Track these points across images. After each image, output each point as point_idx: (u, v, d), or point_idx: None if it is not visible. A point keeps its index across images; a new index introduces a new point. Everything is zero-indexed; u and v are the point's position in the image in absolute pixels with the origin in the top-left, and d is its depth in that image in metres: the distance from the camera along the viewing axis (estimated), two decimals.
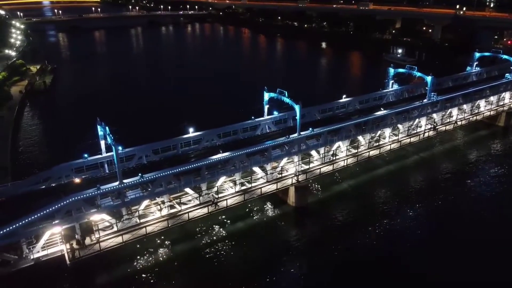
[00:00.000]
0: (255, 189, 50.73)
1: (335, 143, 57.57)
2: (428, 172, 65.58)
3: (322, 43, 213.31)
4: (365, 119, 60.09)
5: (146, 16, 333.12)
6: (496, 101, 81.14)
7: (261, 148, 50.76)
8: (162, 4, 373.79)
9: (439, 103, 69.09)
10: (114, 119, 47.52)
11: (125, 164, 47.92)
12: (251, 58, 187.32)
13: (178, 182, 45.11)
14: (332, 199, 57.76)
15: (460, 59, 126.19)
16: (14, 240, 37.34)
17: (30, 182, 44.80)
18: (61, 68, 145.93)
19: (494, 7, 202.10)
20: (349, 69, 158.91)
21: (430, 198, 57.20)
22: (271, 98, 58.12)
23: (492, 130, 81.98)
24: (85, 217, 40.44)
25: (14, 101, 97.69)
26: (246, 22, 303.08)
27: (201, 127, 55.98)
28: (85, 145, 48.10)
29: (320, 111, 66.57)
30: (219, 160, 47.45)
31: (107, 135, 43.28)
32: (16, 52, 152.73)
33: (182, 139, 53.48)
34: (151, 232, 43.65)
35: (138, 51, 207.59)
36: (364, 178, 62.73)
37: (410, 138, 66.07)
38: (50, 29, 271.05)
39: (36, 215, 37.03)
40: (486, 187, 60.58)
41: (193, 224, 48.29)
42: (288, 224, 52.38)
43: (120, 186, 41.52)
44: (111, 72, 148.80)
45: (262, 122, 60.41)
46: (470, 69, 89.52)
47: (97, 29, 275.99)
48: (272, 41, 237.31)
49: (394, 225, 51.14)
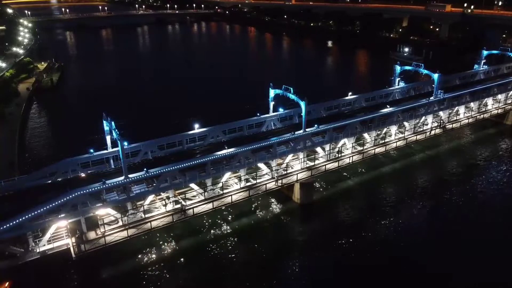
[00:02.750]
0: (260, 185, 50.67)
1: (341, 140, 57.34)
2: (434, 170, 65.11)
3: (329, 42, 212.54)
4: (371, 117, 59.77)
5: (152, 15, 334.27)
6: (504, 99, 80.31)
7: (267, 144, 50.68)
8: (168, 3, 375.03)
9: (446, 101, 68.53)
10: (120, 115, 47.55)
11: (130, 160, 48.14)
12: (257, 56, 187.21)
13: (183, 177, 45.18)
14: (337, 196, 57.58)
15: (467, 57, 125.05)
16: (21, 233, 37.72)
17: (37, 176, 45.12)
18: (68, 65, 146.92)
19: (502, 5, 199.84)
20: (356, 67, 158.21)
21: (436, 197, 56.80)
22: (277, 96, 58.05)
23: (499, 128, 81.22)
24: (90, 211, 40.68)
25: (21, 98, 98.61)
26: (252, 20, 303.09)
27: (207, 124, 56.04)
28: (91, 140, 48.29)
29: (326, 108, 66.32)
30: (224, 155, 47.46)
31: (113, 130, 43.46)
32: (24, 50, 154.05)
33: (187, 135, 53.58)
34: (156, 227, 43.81)
35: (144, 49, 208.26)
36: (370, 175, 62.47)
37: (416, 135, 65.64)
38: (58, 27, 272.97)
39: (43, 209, 37.33)
40: (493, 186, 60.00)
41: (198, 220, 48.43)
42: (292, 221, 52.30)
43: (126, 181, 41.69)
44: (118, 69, 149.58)
45: (268, 118, 60.33)
46: (478, 67, 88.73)
47: (104, 27, 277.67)
48: (278, 39, 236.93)
49: (399, 224, 50.85)
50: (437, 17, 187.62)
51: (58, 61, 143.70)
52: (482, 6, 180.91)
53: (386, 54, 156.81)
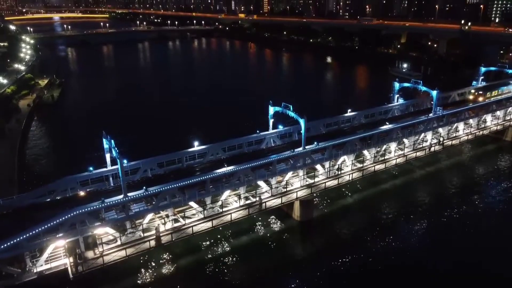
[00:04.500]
0: (259, 203, 50.38)
1: (340, 157, 57.35)
2: (434, 187, 64.87)
3: (328, 58, 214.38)
4: (370, 133, 59.89)
5: (153, 31, 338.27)
6: (503, 115, 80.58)
7: (266, 162, 50.66)
8: (169, 20, 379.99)
9: (445, 118, 68.77)
10: (120, 132, 47.90)
11: (130, 177, 48.09)
12: (257, 72, 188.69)
13: (183, 195, 45.04)
14: (337, 213, 57.26)
15: (466, 73, 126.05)
16: (18, 253, 37.34)
17: (36, 194, 45.03)
18: (70, 81, 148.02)
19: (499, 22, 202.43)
20: (355, 83, 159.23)
21: (436, 214, 56.43)
22: (276, 112, 58.28)
23: (499, 144, 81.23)
24: (89, 230, 40.40)
25: (22, 114, 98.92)
26: (252, 36, 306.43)
27: (207, 140, 56.15)
28: (90, 158, 48.37)
29: (326, 124, 66.56)
30: (224, 173, 47.40)
31: (113, 148, 43.52)
32: (26, 66, 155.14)
33: (187, 152, 53.64)
34: (155, 246, 43.38)
35: (145, 65, 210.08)
36: (370, 192, 62.24)
37: (416, 152, 65.64)
38: (60, 43, 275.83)
39: (41, 228, 37.07)
40: (493, 203, 59.71)
41: (197, 238, 48.01)
42: (293, 238, 51.91)
43: (125, 199, 41.54)
44: (119, 85, 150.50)
45: (267, 136, 60.48)
46: (476, 83, 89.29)
47: (106, 43, 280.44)
48: (278, 55, 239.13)
49: (399, 242, 50.41)
50: (435, 34, 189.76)
51: (59, 77, 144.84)
52: (479, 23, 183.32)
53: (385, 70, 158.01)
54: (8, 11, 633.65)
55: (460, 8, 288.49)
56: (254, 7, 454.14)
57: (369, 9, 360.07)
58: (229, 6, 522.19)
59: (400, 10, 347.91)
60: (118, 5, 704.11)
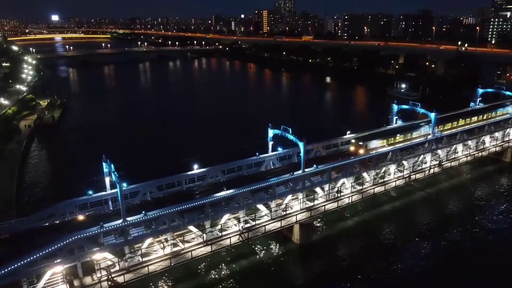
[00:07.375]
0: (259, 227, 50.15)
1: (340, 180, 57.33)
2: (434, 209, 64.63)
3: (327, 78, 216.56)
4: (369, 156, 60.05)
5: (154, 51, 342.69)
6: (502, 136, 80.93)
7: (266, 185, 50.61)
8: (170, 40, 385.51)
9: (444, 139, 69.06)
10: (120, 154, 47.99)
11: (129, 201, 47.99)
12: (257, 92, 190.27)
13: (182, 219, 44.84)
14: (337, 236, 56.90)
15: (463, 93, 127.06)
16: (15, 279, 36.89)
17: (34, 218, 44.78)
18: (71, 102, 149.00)
19: (496, 43, 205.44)
20: (354, 104, 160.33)
21: (437, 236, 56.09)
22: (276, 134, 58.55)
23: (498, 165, 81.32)
24: (87, 255, 40.07)
25: (22, 135, 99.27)
26: (252, 57, 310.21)
27: (206, 163, 56.19)
28: (90, 182, 48.33)
29: (325, 147, 66.73)
30: (223, 197, 47.29)
31: (112, 172, 43.57)
32: (27, 87, 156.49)
33: (186, 175, 53.63)
34: (154, 271, 42.97)
35: (146, 85, 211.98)
36: (370, 214, 61.97)
37: (415, 174, 65.65)
38: (62, 64, 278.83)
39: (38, 254, 36.76)
40: (493, 224, 59.40)
41: (196, 263, 47.59)
42: (292, 262, 51.39)
43: (123, 224, 41.34)
44: (119, 105, 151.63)
45: (267, 158, 60.57)
46: (474, 104, 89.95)
47: (107, 63, 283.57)
48: (277, 75, 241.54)
49: (399, 265, 49.95)
50: (432, 55, 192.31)
51: (60, 97, 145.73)
52: (476, 44, 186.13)
53: (384, 90, 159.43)
54: (11, 32, 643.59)
55: (457, 29, 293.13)
56: (254, 28, 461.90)
57: (367, 30, 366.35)
58: (229, 26, 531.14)
59: (397, 32, 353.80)
60: (119, 26, 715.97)
